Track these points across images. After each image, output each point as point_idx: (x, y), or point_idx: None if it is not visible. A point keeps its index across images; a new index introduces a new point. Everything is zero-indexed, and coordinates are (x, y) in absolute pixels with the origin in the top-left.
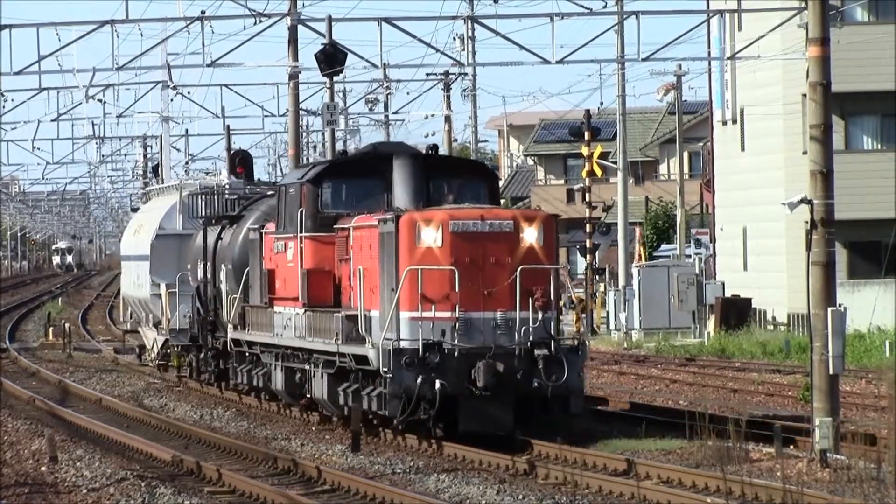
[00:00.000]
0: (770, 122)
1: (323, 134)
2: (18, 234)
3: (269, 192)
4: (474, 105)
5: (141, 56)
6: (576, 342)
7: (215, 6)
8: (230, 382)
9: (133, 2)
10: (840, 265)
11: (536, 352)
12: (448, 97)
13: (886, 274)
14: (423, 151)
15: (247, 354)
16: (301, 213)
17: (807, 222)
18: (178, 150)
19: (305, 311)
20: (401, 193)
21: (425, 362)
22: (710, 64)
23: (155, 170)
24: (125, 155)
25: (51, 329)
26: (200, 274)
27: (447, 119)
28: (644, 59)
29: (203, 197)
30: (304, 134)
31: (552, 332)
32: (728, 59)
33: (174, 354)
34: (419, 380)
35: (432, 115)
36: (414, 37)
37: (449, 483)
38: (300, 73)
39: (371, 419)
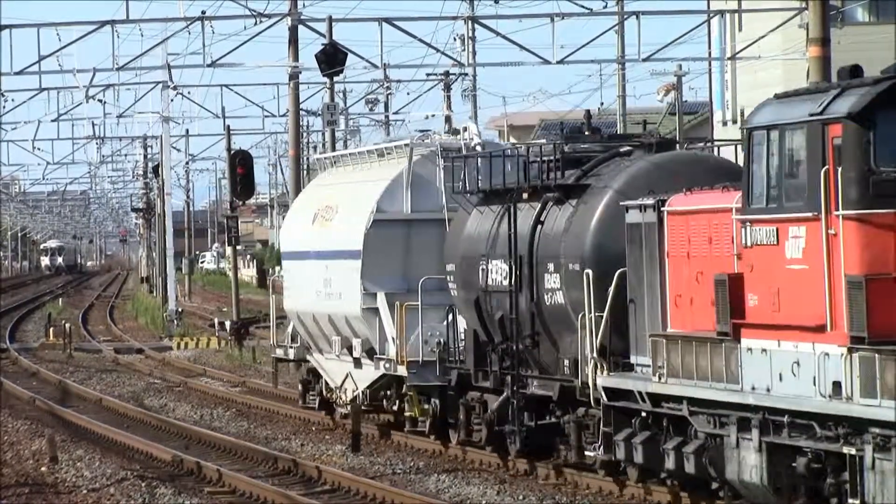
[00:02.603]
0: None
1: (323, 134)
2: (18, 234)
3: (624, 150)
4: (474, 105)
5: (141, 56)
6: None
7: (215, 6)
8: (564, 454)
9: (133, 2)
10: None
11: None
12: (448, 97)
13: None
14: None
15: (643, 415)
16: (829, 173)
17: None
18: (179, 150)
19: (853, 350)
20: None
21: None
22: (710, 64)
23: (155, 170)
24: (125, 155)
25: (51, 329)
26: (490, 278)
27: (447, 119)
28: (644, 60)
29: (487, 161)
30: (305, 134)
31: None
32: (728, 59)
33: (413, 400)
34: None
35: (433, 116)
36: (414, 37)
37: (449, 483)
38: (300, 73)
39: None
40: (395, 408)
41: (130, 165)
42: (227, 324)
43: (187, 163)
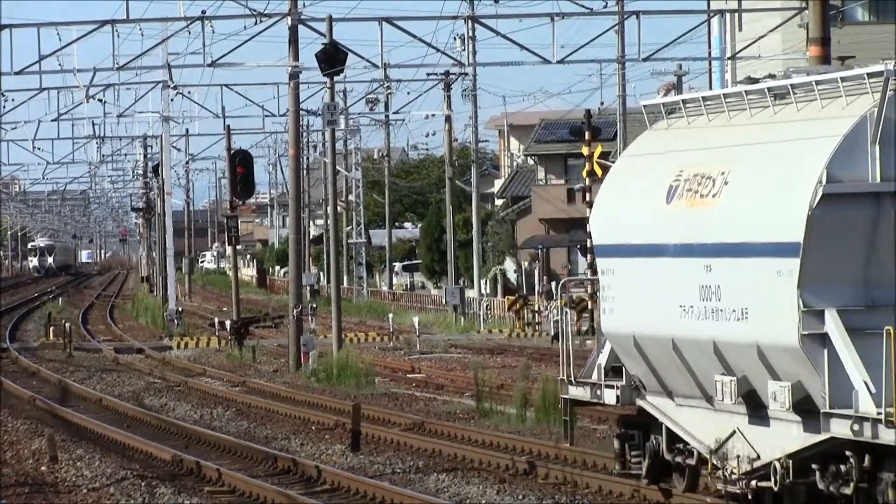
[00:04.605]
0: None
1: (323, 134)
2: (19, 234)
3: None
4: (475, 105)
5: (141, 56)
6: None
7: (216, 6)
8: None
9: (133, 2)
10: None
11: None
12: (448, 97)
13: None
14: None
15: None
16: None
17: None
18: (179, 149)
19: None
20: None
21: None
22: (710, 64)
23: (155, 170)
24: (125, 155)
25: (51, 328)
26: None
27: (447, 119)
28: (644, 59)
29: None
30: (305, 134)
31: None
32: (728, 59)
33: None
34: None
35: (433, 115)
36: (414, 37)
37: (449, 483)
38: (300, 72)
39: None
40: (845, 490)
41: (130, 165)
42: (228, 323)
43: (187, 162)
